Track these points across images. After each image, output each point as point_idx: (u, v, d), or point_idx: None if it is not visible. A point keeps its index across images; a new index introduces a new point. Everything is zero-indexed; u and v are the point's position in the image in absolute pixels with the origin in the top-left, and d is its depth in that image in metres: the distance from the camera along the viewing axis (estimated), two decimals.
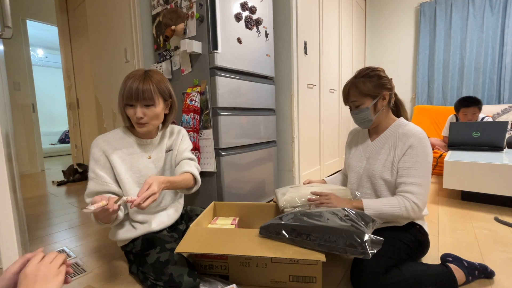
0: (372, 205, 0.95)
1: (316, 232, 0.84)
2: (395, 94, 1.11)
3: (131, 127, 1.06)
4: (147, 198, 0.83)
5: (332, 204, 0.99)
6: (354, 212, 0.91)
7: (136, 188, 1.05)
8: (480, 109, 2.30)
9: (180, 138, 1.20)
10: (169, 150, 1.17)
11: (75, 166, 2.93)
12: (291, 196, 1.10)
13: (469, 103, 2.31)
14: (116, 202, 0.79)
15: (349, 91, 1.06)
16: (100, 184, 0.98)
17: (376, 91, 1.02)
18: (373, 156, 1.08)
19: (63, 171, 2.92)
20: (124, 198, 0.82)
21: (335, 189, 1.11)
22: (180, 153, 1.17)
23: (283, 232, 0.88)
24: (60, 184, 2.80)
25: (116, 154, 1.00)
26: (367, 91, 1.02)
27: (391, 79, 1.07)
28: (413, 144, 0.96)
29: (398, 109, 1.13)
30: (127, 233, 1.04)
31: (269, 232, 0.91)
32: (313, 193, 1.07)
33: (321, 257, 0.81)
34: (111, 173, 1.01)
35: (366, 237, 0.80)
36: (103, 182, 0.98)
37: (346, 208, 0.94)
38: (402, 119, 1.07)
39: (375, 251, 0.78)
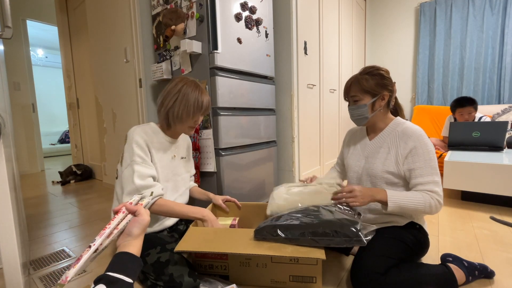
0: (395, 200, 0.92)
1: (311, 227, 0.85)
2: (396, 99, 1.11)
3: (166, 126, 1.10)
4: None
5: (357, 201, 0.93)
6: (343, 207, 0.95)
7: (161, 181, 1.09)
8: (475, 109, 2.31)
9: (190, 151, 1.30)
10: (184, 157, 1.23)
11: (74, 169, 2.93)
12: (278, 204, 1.09)
13: (464, 103, 2.31)
14: None
15: (351, 86, 1.07)
16: (148, 168, 1.01)
17: (376, 90, 1.02)
18: (372, 155, 1.08)
19: (60, 172, 2.91)
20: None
21: (325, 182, 1.10)
22: (192, 168, 1.31)
23: (279, 232, 0.88)
24: (63, 183, 2.81)
25: (154, 146, 1.06)
26: (368, 88, 1.02)
27: (394, 83, 1.07)
28: (415, 145, 0.96)
29: (396, 113, 1.14)
30: None
31: (264, 235, 0.90)
32: (335, 195, 0.99)
33: (321, 255, 0.81)
34: (151, 160, 1.05)
35: (360, 226, 0.82)
36: (150, 166, 1.02)
37: (337, 204, 0.97)
38: (399, 118, 1.08)
39: (370, 238, 0.81)
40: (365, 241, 0.79)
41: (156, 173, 1.06)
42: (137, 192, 0.98)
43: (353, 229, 0.81)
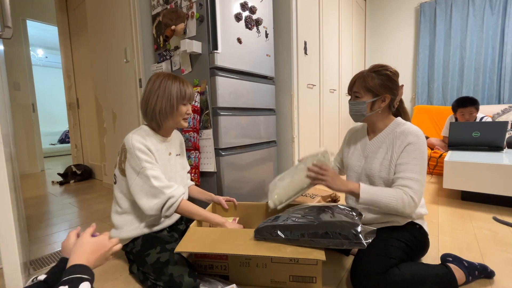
0: (368, 191, 0.93)
1: (311, 228, 0.85)
2: (401, 102, 1.10)
3: (156, 125, 1.10)
4: None
5: (327, 183, 0.95)
6: (342, 206, 0.95)
7: None
8: (477, 109, 2.30)
9: (184, 147, 1.28)
10: (178, 154, 1.22)
11: (74, 169, 2.93)
12: (278, 193, 1.10)
13: (466, 103, 2.31)
14: None
15: (356, 81, 1.06)
16: (159, 170, 1.02)
17: (379, 90, 1.01)
18: (371, 155, 1.08)
19: (59, 174, 2.92)
20: None
21: (314, 157, 1.07)
22: (186, 164, 1.29)
23: (278, 232, 0.88)
24: (62, 183, 2.81)
25: (152, 148, 1.05)
26: (371, 86, 1.01)
27: (402, 86, 1.05)
28: (411, 141, 0.96)
29: (399, 115, 1.11)
30: (128, 232, 1.05)
31: (264, 235, 0.90)
32: (314, 165, 1.00)
33: (321, 256, 0.81)
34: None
35: (360, 228, 0.81)
36: (159, 168, 1.03)
37: (338, 205, 0.98)
38: (399, 119, 1.06)
39: (370, 240, 0.80)
40: (365, 244, 0.78)
41: None
42: (161, 194, 0.98)
43: (353, 231, 0.81)
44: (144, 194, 0.99)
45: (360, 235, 0.80)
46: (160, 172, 1.03)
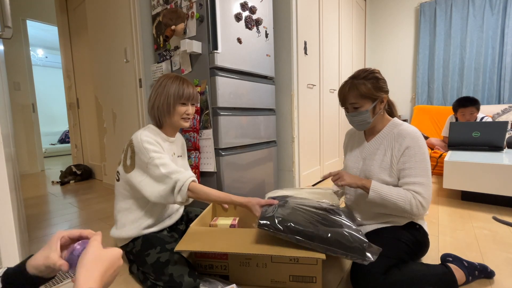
0: (378, 189, 0.96)
1: (319, 239, 0.83)
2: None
3: (158, 123, 1.12)
4: None
5: (344, 180, 1.00)
6: (341, 210, 0.97)
7: None
8: (478, 109, 2.30)
9: (185, 149, 1.30)
10: (180, 155, 1.23)
11: (74, 169, 2.93)
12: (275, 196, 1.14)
13: (467, 103, 2.31)
14: None
15: (349, 93, 1.03)
16: (167, 158, 1.02)
17: (375, 94, 1.01)
18: (369, 157, 1.08)
19: (62, 171, 2.93)
20: None
21: (321, 193, 1.13)
22: (187, 166, 1.29)
23: (282, 232, 0.86)
24: (62, 183, 2.81)
25: (161, 143, 1.06)
26: (367, 93, 1.00)
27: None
28: (409, 145, 0.96)
29: (390, 110, 1.13)
30: (128, 232, 1.05)
31: (268, 226, 0.85)
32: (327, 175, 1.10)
33: (321, 255, 0.81)
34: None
35: (367, 245, 0.81)
36: (166, 156, 1.03)
37: (334, 208, 0.99)
38: (396, 119, 1.07)
39: (374, 259, 0.79)
40: (372, 259, 0.78)
41: None
42: (167, 179, 0.96)
43: (359, 246, 0.80)
44: (154, 181, 0.99)
45: (366, 251, 0.79)
46: (168, 159, 1.03)
